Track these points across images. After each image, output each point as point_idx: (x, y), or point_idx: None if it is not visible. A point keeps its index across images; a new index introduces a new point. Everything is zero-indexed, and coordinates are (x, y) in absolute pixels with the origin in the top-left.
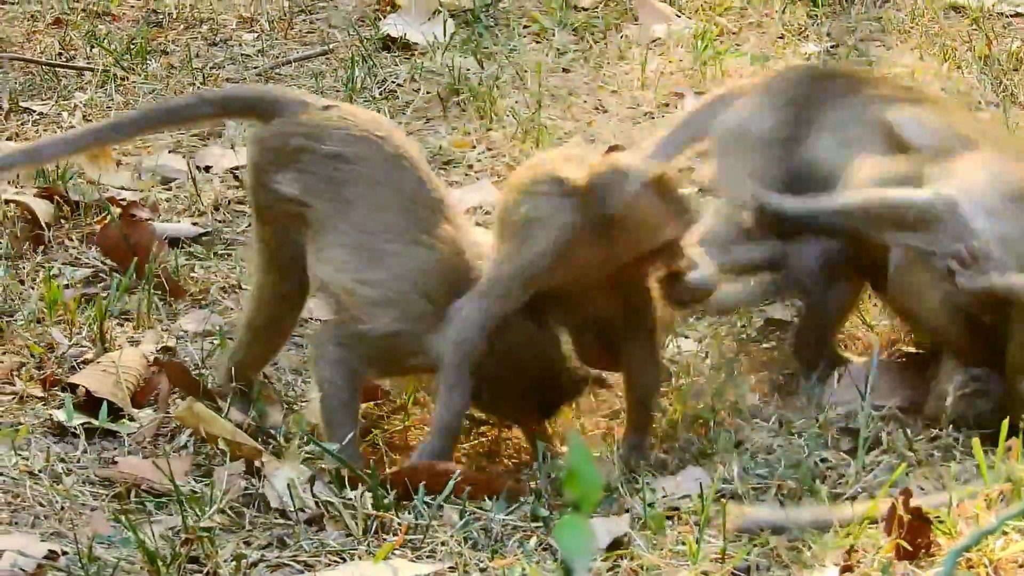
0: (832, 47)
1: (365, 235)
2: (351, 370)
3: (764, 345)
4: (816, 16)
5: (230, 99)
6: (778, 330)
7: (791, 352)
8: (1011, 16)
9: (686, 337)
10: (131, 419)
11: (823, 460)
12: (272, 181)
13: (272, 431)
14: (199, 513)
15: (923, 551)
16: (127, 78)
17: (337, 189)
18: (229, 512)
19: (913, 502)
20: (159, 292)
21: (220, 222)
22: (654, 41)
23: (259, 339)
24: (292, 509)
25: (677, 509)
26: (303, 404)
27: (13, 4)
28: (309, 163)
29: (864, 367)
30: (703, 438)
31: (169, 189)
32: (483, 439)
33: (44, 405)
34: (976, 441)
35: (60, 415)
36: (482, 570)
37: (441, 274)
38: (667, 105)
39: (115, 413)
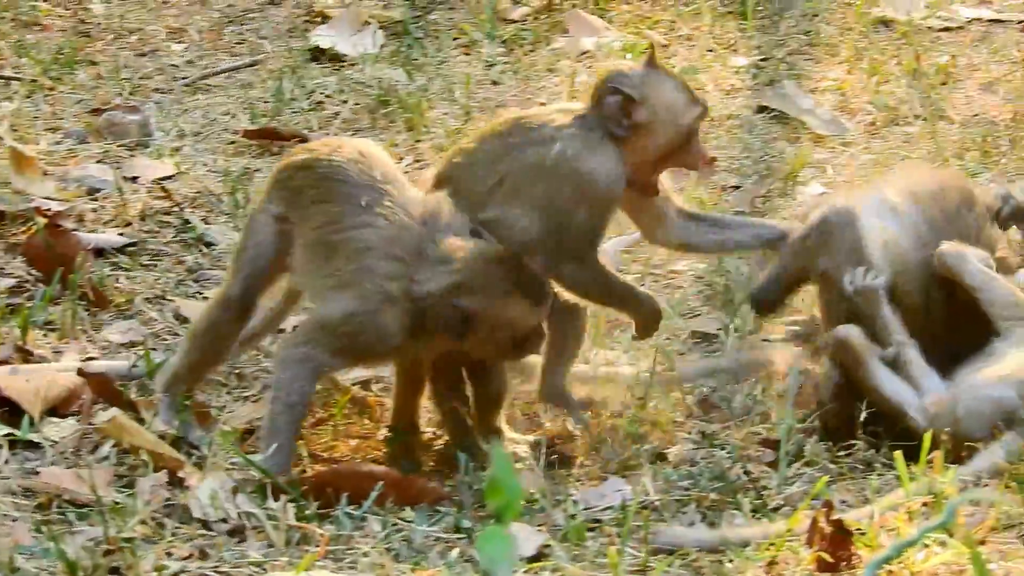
0: (761, 60)
1: (317, 231)
2: (312, 368)
3: (690, 358)
4: (746, 30)
5: None
6: (703, 342)
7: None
8: (939, 31)
9: (612, 350)
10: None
11: (746, 472)
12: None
13: (196, 443)
14: (121, 524)
15: (844, 563)
16: (55, 88)
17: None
18: (150, 522)
19: (834, 515)
20: (84, 303)
21: (146, 233)
22: (584, 54)
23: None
24: (214, 520)
25: (599, 521)
26: (229, 415)
27: None
28: None
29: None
30: (626, 451)
31: (95, 199)
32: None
33: None
34: (898, 454)
35: None
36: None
37: (391, 249)
38: None
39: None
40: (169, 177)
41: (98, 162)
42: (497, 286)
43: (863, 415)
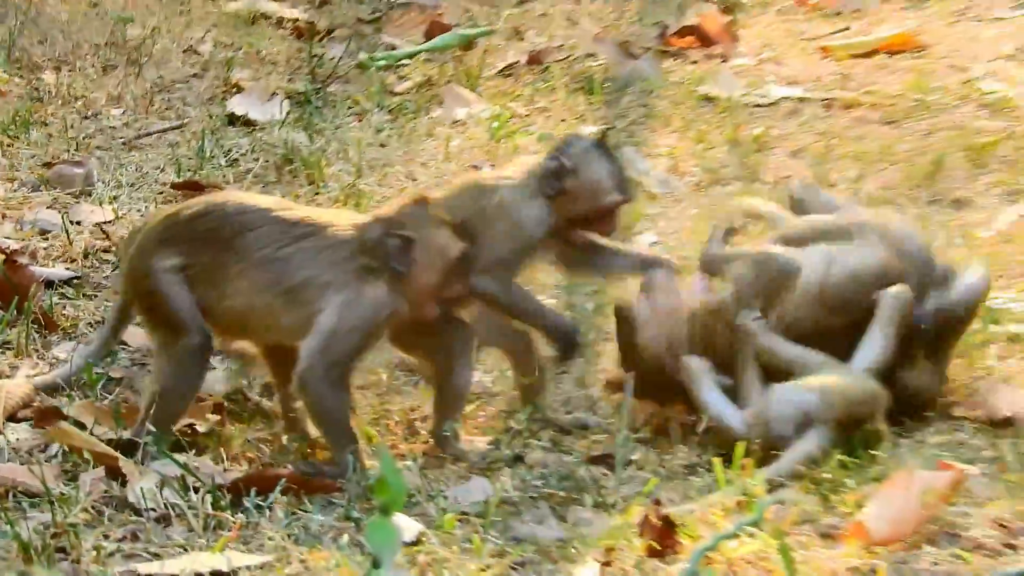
0: (606, 130)
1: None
2: (340, 380)
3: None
4: (593, 103)
5: None
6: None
7: None
8: (755, 106)
9: (478, 367)
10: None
11: (589, 474)
12: None
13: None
14: (66, 511)
15: (670, 551)
16: (12, 144)
17: None
18: (91, 511)
19: (662, 510)
20: (36, 326)
21: (89, 268)
22: (456, 122)
23: None
24: (144, 508)
25: (467, 513)
26: None
27: None
28: None
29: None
30: (489, 454)
31: (46, 239)
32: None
33: None
34: (717, 460)
35: None
36: (302, 561)
37: (337, 235)
38: None
39: None
40: (109, 221)
41: (48, 207)
42: (423, 221)
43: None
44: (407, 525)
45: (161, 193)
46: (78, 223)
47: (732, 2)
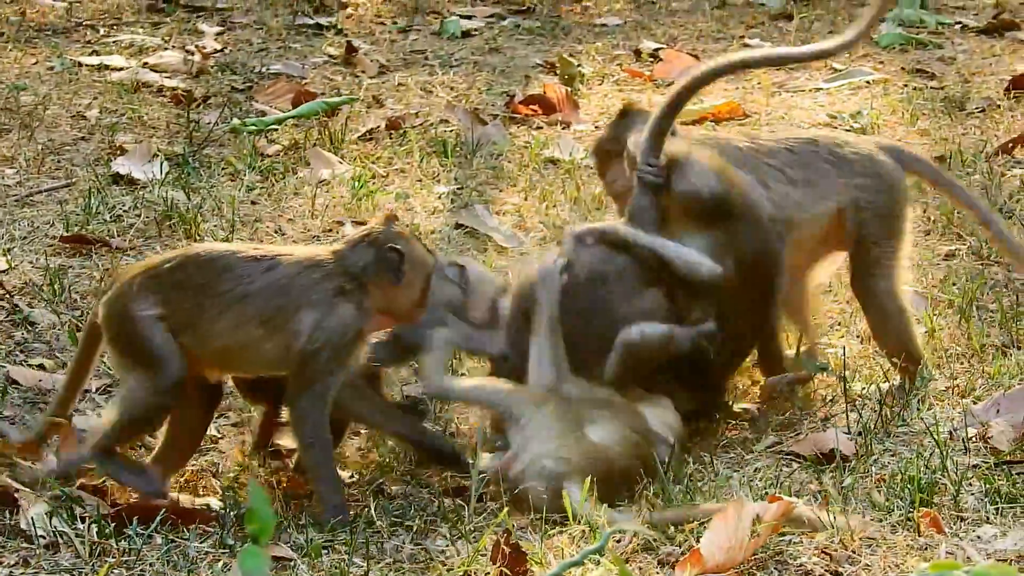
0: (458, 189)
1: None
2: (323, 402)
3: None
4: (447, 165)
5: None
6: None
7: None
8: (587, 167)
9: None
10: None
11: (447, 505)
12: None
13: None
14: None
15: None
16: None
17: None
18: None
19: (512, 539)
20: None
21: None
22: (321, 182)
23: None
24: (35, 536)
25: (332, 541)
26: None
27: None
28: None
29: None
30: (354, 487)
31: None
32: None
33: None
34: (566, 493)
35: None
36: None
37: (307, 263)
38: (330, 231)
39: None
40: (3, 271)
41: None
42: (402, 236)
43: None
44: (278, 552)
45: (51, 246)
46: None
47: (573, 74)
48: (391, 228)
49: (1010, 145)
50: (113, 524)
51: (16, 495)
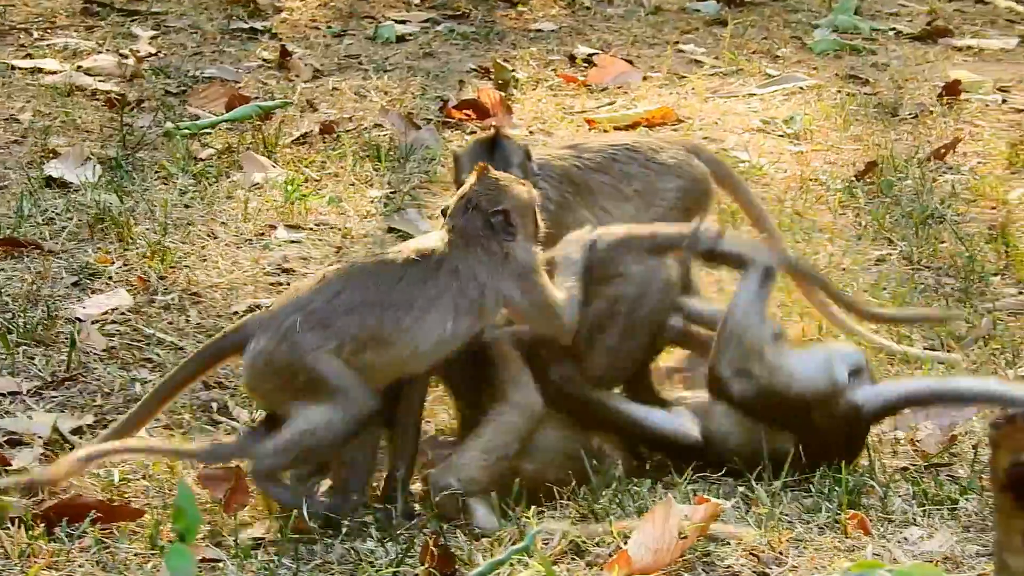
0: (391, 193)
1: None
2: None
3: None
4: (379, 169)
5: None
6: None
7: None
8: None
9: None
10: None
11: (375, 508)
12: None
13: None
14: None
15: None
16: None
17: None
18: None
19: (440, 540)
20: None
21: None
22: (255, 185)
23: None
24: None
25: (262, 540)
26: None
27: None
28: None
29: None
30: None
31: None
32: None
33: None
34: (494, 495)
35: None
36: None
37: None
38: (263, 234)
39: None
40: None
41: None
42: (499, 186)
43: None
44: (207, 552)
45: None
46: None
47: (507, 78)
48: (485, 183)
49: (942, 151)
50: (43, 524)
51: None
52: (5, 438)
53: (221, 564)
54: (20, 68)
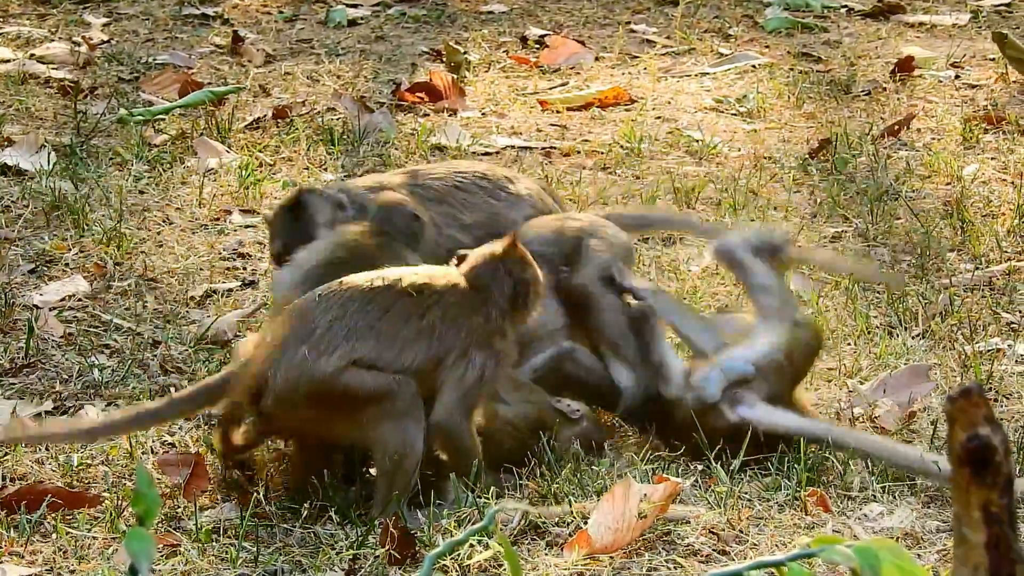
0: (345, 176)
1: None
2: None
3: None
4: (333, 152)
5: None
6: None
7: None
8: (481, 155)
9: None
10: None
11: (335, 491)
12: None
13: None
14: None
15: (410, 559)
16: None
17: None
18: None
19: (400, 523)
20: None
21: None
22: (209, 171)
23: None
24: None
25: (220, 526)
26: None
27: None
28: None
29: None
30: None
31: None
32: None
33: None
34: (453, 476)
35: None
36: (71, 572)
37: None
38: (218, 219)
39: None
40: None
41: None
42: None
43: None
44: (166, 539)
45: None
46: None
47: (459, 61)
48: (514, 256)
49: (896, 128)
50: (3, 511)
51: None
52: None
53: (181, 548)
54: None
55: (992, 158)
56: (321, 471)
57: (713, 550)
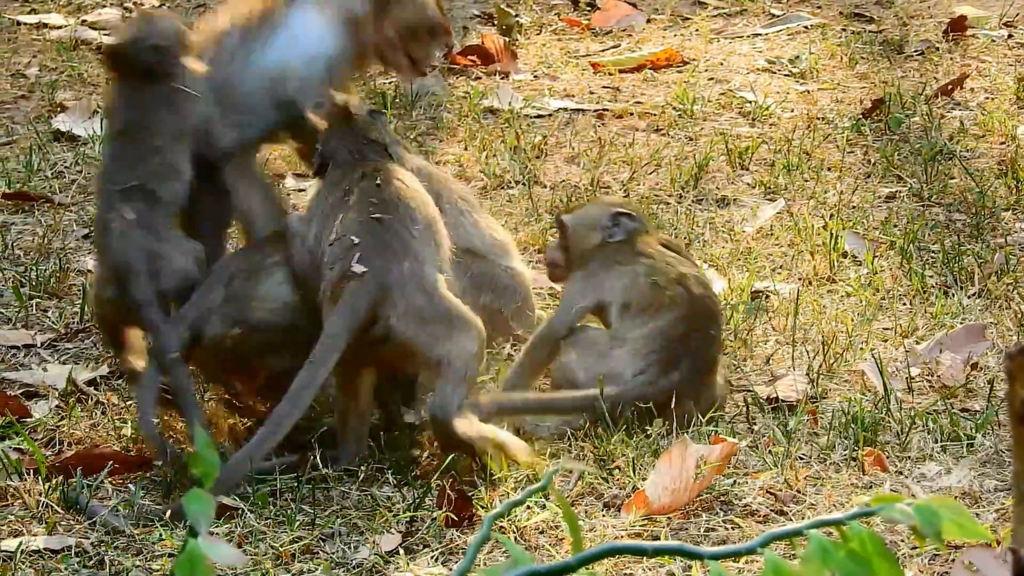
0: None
1: None
2: None
3: None
4: (386, 115)
5: None
6: None
7: None
8: (534, 117)
9: None
10: None
11: (391, 454)
12: None
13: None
14: None
15: (467, 521)
16: None
17: None
18: None
19: (457, 484)
20: None
21: None
22: None
23: None
24: None
25: (277, 489)
26: None
27: None
28: None
29: None
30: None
31: None
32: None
33: None
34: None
35: None
36: (128, 537)
37: None
38: (271, 183)
39: None
40: None
41: None
42: None
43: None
44: (224, 500)
45: None
46: None
47: (510, 24)
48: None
49: (949, 87)
50: (60, 476)
51: None
52: (21, 391)
53: (239, 511)
54: (25, 23)
55: None
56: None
57: (771, 510)
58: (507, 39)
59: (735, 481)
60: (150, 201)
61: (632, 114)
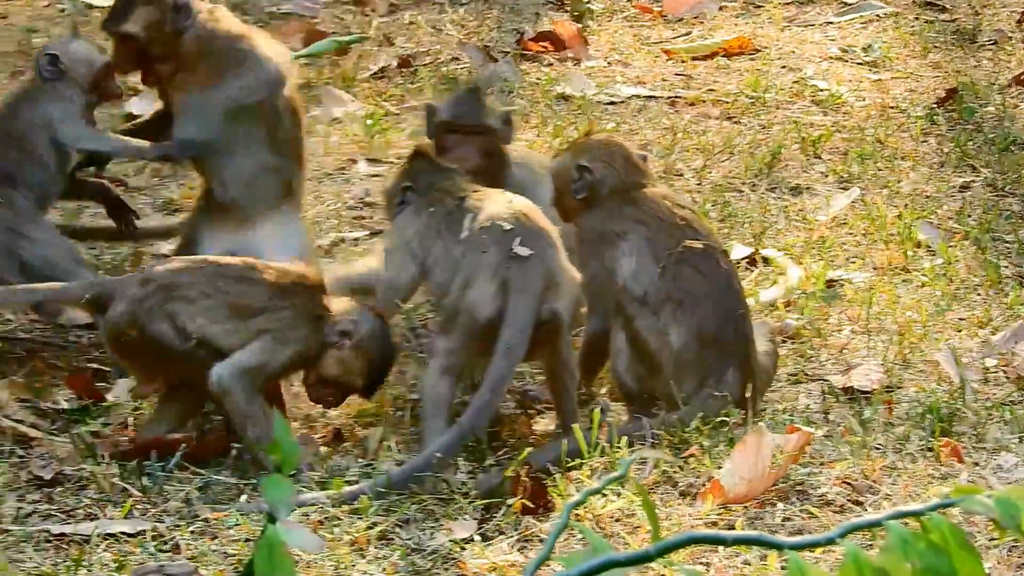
0: None
1: None
2: None
3: None
4: None
5: None
6: None
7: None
8: (606, 104)
9: None
10: None
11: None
12: None
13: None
14: None
15: (543, 508)
16: None
17: None
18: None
19: (533, 472)
20: None
21: None
22: (334, 120)
23: None
24: (49, 479)
25: (355, 479)
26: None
27: None
28: None
29: None
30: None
31: None
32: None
33: None
34: (576, 427)
35: None
36: (204, 521)
37: None
38: (343, 169)
39: None
40: None
41: None
42: None
43: None
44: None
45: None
46: None
47: (582, 10)
48: None
49: (1022, 77)
50: (135, 460)
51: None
52: (95, 374)
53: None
54: (97, 7)
55: None
56: None
57: (847, 500)
58: (579, 25)
59: (811, 471)
60: None
61: (705, 101)
